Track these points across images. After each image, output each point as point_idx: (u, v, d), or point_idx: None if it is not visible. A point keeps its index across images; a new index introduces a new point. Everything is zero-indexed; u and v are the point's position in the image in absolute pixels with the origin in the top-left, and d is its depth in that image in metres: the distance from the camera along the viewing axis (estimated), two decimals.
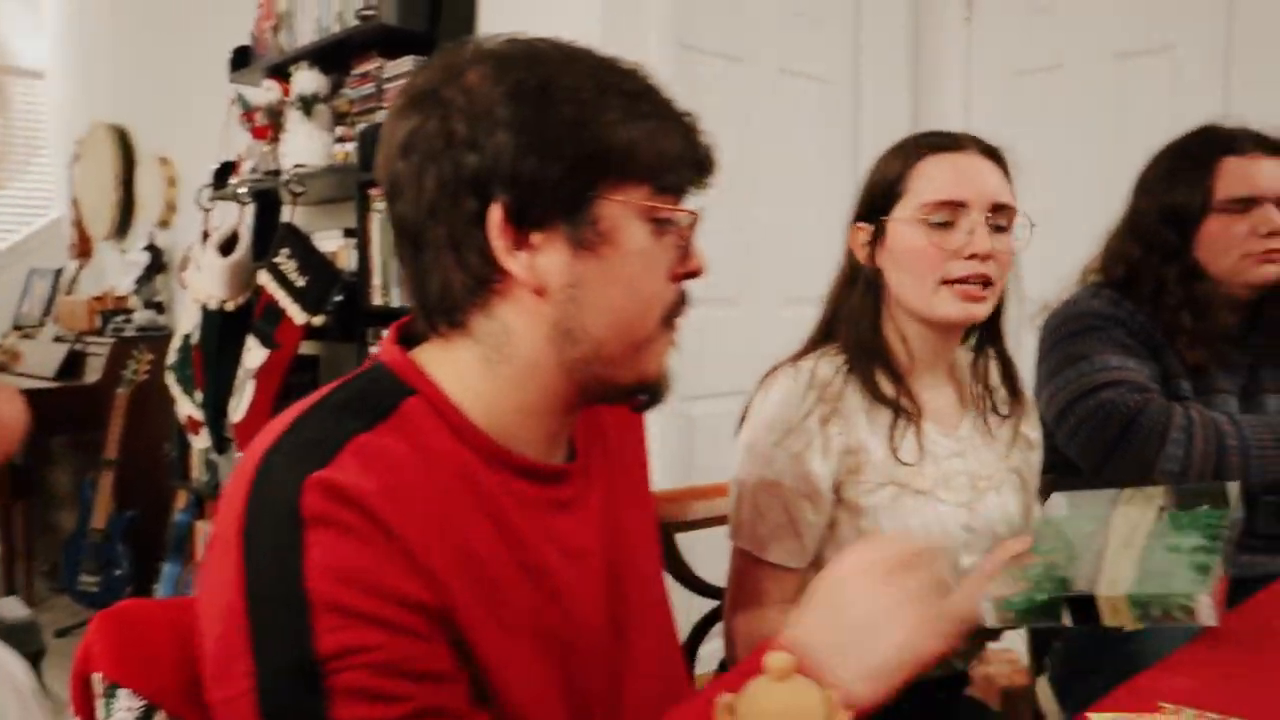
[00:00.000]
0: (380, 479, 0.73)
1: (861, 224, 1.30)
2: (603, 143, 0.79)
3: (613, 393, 0.85)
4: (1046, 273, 1.84)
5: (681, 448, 2.45)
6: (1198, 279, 1.66)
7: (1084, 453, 1.66)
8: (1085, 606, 0.97)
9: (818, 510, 1.23)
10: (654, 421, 1.05)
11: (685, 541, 1.46)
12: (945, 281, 1.23)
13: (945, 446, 1.29)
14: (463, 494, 0.79)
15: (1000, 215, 1.26)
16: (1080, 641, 1.63)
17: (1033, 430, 1.43)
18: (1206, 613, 0.92)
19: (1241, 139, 1.67)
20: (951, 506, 1.26)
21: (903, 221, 1.25)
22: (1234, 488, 1.14)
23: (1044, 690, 1.69)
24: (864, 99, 2.93)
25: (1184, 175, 1.68)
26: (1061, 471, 1.75)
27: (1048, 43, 2.74)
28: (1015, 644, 1.76)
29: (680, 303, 0.86)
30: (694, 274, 0.86)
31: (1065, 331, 1.73)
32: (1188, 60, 2.50)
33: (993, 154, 1.31)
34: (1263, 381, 1.68)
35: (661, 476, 1.32)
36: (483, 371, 0.82)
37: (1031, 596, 1.00)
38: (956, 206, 1.24)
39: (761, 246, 2.71)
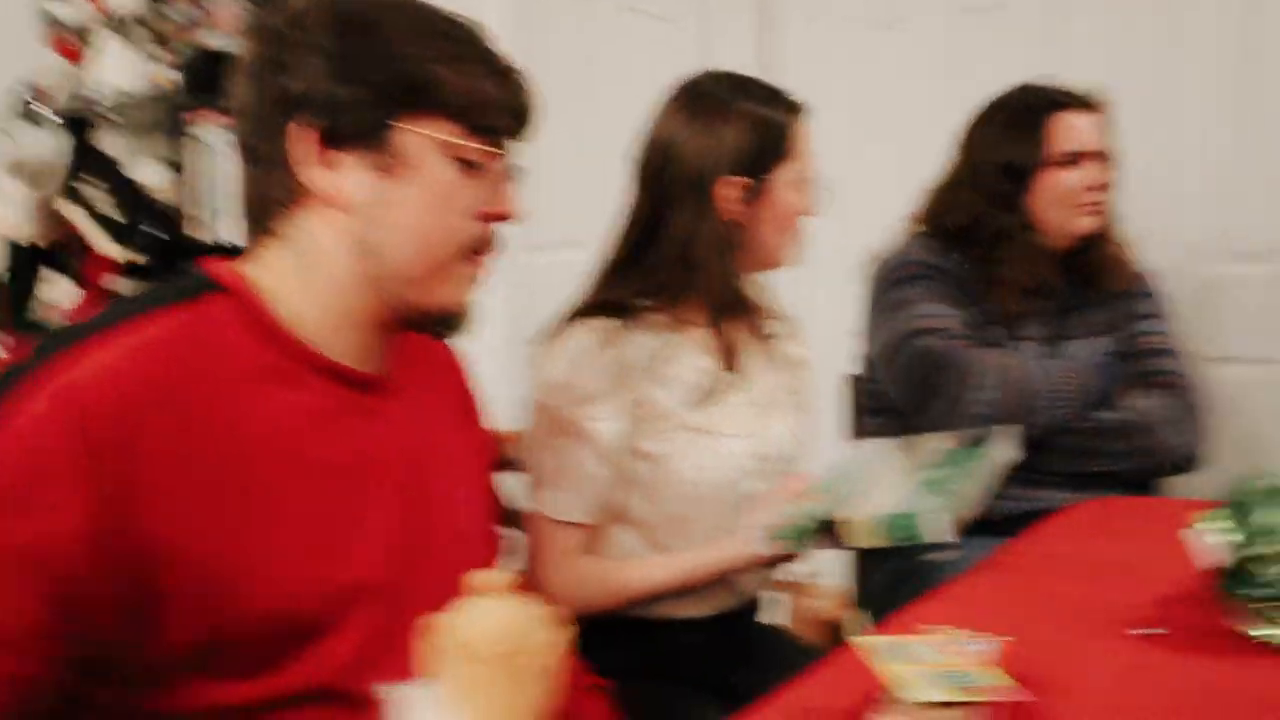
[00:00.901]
0: (122, 374, 0.77)
1: (733, 179, 1.28)
2: (411, 76, 0.85)
3: (413, 315, 0.90)
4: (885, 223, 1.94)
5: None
6: (1031, 230, 1.76)
7: (902, 396, 1.75)
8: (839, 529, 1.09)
9: (604, 465, 1.25)
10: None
11: None
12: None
13: (731, 381, 1.32)
14: (243, 388, 0.83)
15: None
16: (894, 574, 1.71)
17: (803, 350, 1.48)
18: (941, 529, 1.02)
19: (1065, 96, 1.77)
20: (738, 439, 1.30)
21: (786, 183, 1.30)
22: (1005, 431, 1.25)
23: (861, 621, 1.77)
24: (709, 41, 2.92)
25: (1020, 129, 1.77)
26: (889, 415, 1.83)
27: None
28: (838, 577, 1.85)
29: (486, 240, 0.91)
30: (501, 217, 0.91)
31: (890, 279, 1.80)
32: (1020, 17, 2.59)
33: None
34: (1069, 329, 1.80)
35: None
36: (294, 278, 0.87)
37: (799, 524, 1.09)
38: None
39: (606, 188, 2.69)
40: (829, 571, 1.78)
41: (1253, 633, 0.97)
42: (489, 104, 0.87)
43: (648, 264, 1.29)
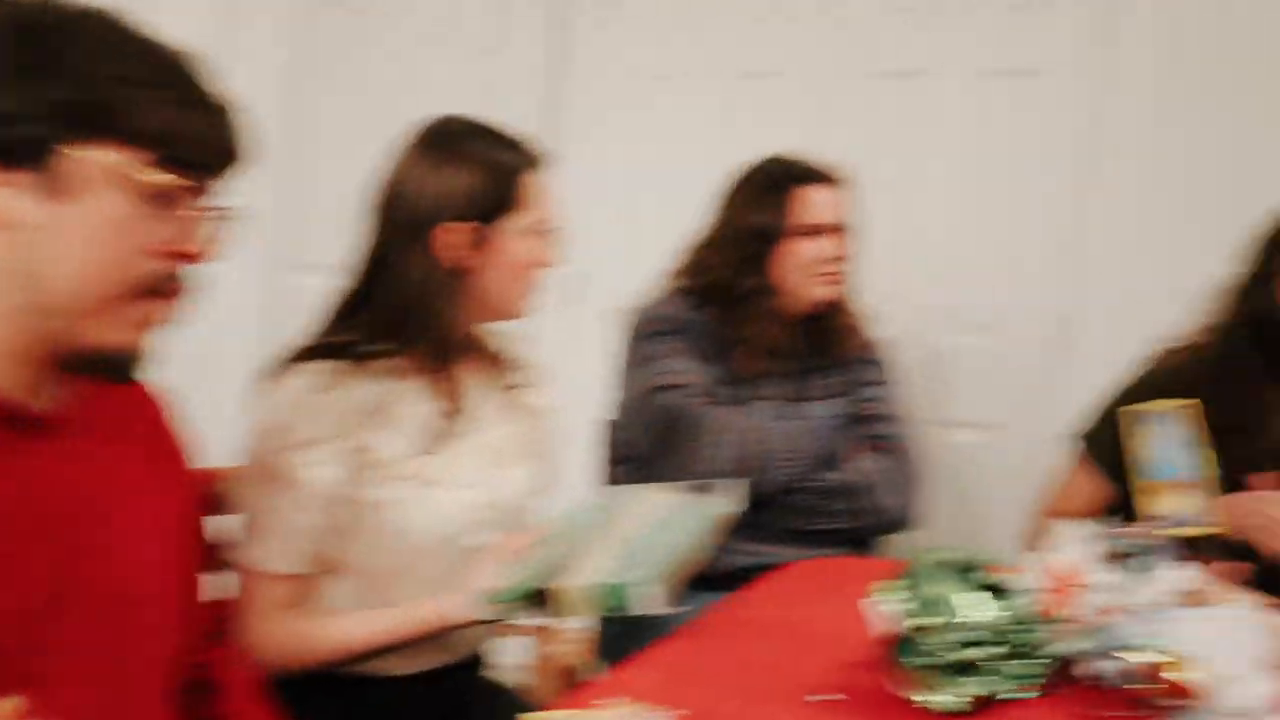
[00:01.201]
0: None
1: (456, 224, 1.26)
2: (89, 96, 0.79)
3: (72, 353, 0.84)
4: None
5: None
6: (772, 294, 1.84)
7: (644, 448, 1.79)
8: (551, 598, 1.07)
9: (316, 513, 1.22)
10: None
11: None
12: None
13: (463, 429, 1.32)
14: None
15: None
16: (627, 624, 1.74)
17: (546, 399, 1.50)
18: (649, 602, 1.03)
19: (809, 171, 1.87)
20: (467, 490, 1.29)
21: (515, 232, 1.29)
22: (732, 486, 1.30)
23: (598, 670, 1.79)
24: (498, 78, 2.92)
25: (765, 199, 1.86)
26: (634, 464, 1.88)
27: (674, 55, 2.88)
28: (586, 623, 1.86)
29: (165, 280, 0.84)
30: (186, 256, 0.85)
31: (641, 333, 1.85)
32: (791, 88, 2.73)
33: None
34: (806, 391, 1.89)
35: None
36: None
37: (511, 590, 1.08)
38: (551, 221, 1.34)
39: None
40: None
41: (915, 698, 1.04)
42: (181, 136, 0.81)
43: (374, 306, 1.27)
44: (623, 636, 1.76)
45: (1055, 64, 2.44)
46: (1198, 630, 1.08)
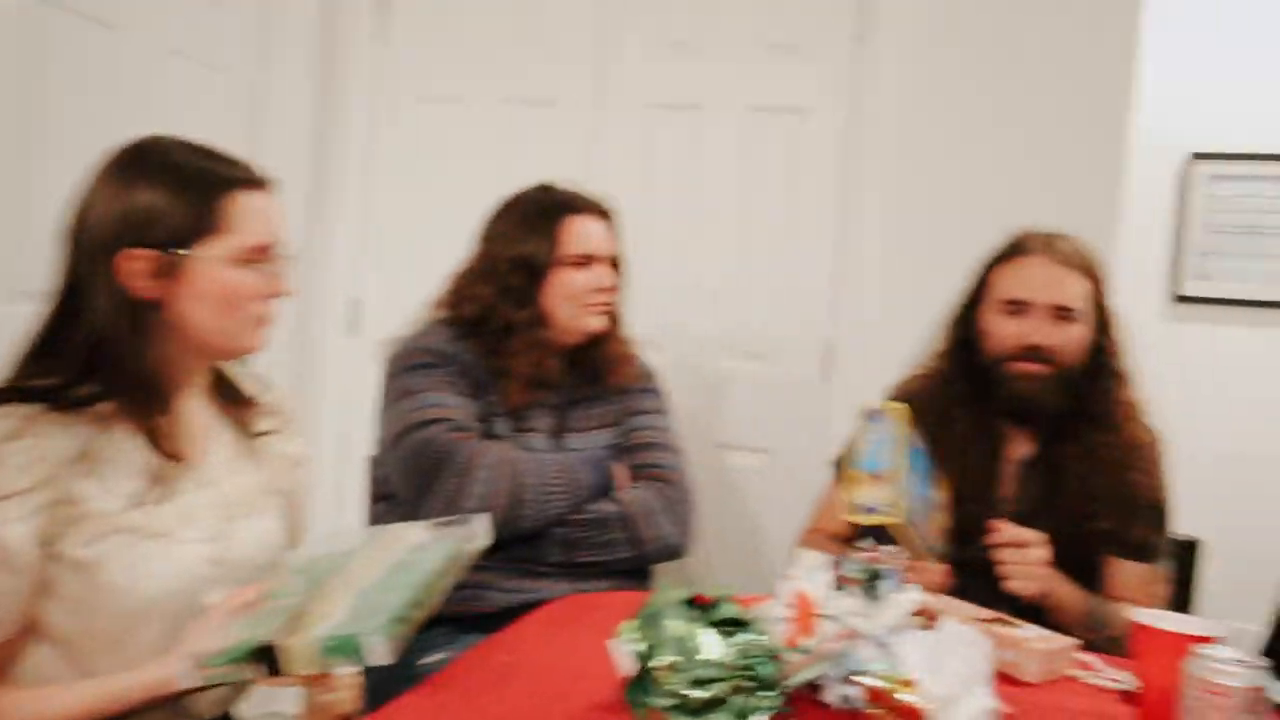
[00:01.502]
0: None
1: (140, 251, 1.15)
2: None
3: None
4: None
5: None
6: (541, 325, 1.81)
7: (403, 485, 1.72)
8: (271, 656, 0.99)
9: (12, 575, 1.10)
10: None
11: None
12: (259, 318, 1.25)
13: (192, 478, 1.22)
14: None
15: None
16: (388, 670, 1.66)
17: (297, 447, 1.42)
18: (379, 652, 0.97)
19: (579, 201, 1.85)
20: (196, 544, 1.20)
21: (215, 260, 1.18)
22: (482, 519, 1.25)
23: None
24: (266, 95, 2.78)
25: (534, 228, 1.82)
26: (394, 502, 1.80)
27: (448, 80, 2.83)
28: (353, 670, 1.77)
29: None
30: None
31: (402, 365, 1.78)
32: (563, 111, 2.72)
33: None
34: (570, 421, 1.86)
35: None
36: None
37: (231, 651, 1.00)
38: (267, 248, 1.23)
39: None
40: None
41: None
42: None
43: (66, 342, 1.15)
44: (388, 681, 1.68)
45: (817, 102, 2.55)
46: (924, 651, 1.11)
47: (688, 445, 1.95)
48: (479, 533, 1.25)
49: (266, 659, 1.03)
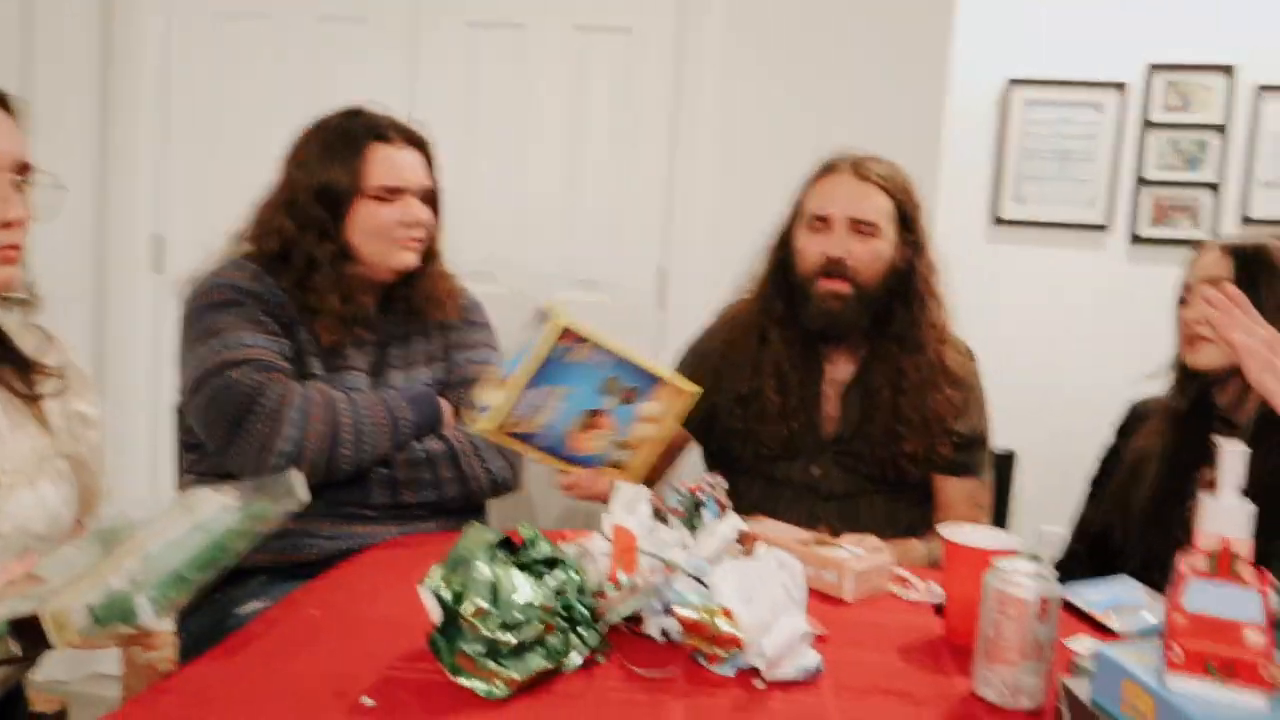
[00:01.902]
0: None
1: None
2: None
3: None
4: None
5: None
6: (348, 260, 1.70)
7: (209, 431, 1.61)
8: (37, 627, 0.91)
9: None
10: None
11: None
12: None
13: None
14: None
15: None
16: (207, 625, 1.57)
17: (88, 406, 1.31)
18: (149, 616, 0.91)
19: (388, 127, 1.73)
20: None
21: None
22: (295, 478, 1.17)
23: None
24: (46, 10, 2.53)
25: (337, 156, 1.69)
26: (202, 450, 1.69)
27: None
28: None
29: None
30: None
31: (204, 303, 1.66)
32: (378, 30, 2.58)
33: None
34: (390, 358, 1.77)
35: None
36: None
37: None
38: None
39: None
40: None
41: (465, 684, 0.99)
42: None
43: None
44: (207, 634, 1.60)
45: (647, 23, 2.49)
46: (740, 579, 1.11)
47: None
48: (294, 490, 1.17)
49: (32, 631, 0.94)
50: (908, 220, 1.78)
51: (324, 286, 1.66)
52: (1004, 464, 2.12)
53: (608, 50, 2.51)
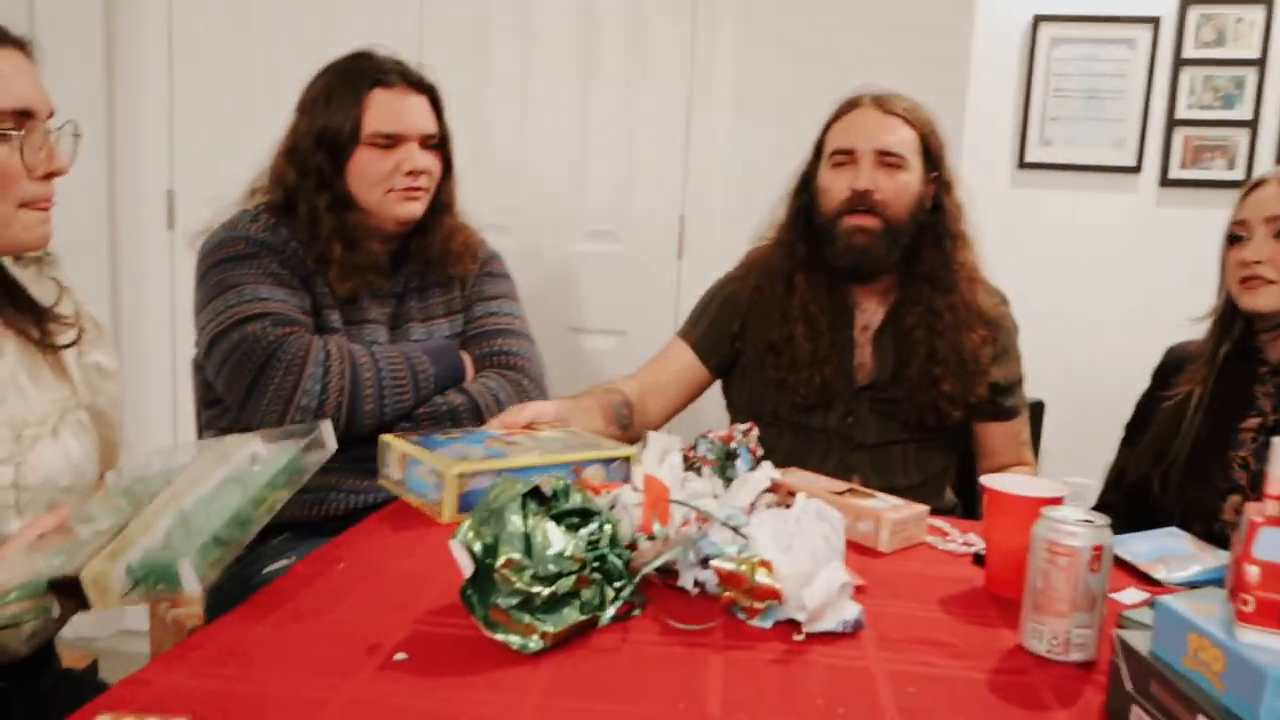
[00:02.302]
0: None
1: None
2: None
3: None
4: None
5: None
6: (349, 208, 1.65)
7: (228, 386, 1.58)
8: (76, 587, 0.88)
9: None
10: None
11: None
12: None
13: None
14: None
15: None
16: (235, 582, 1.56)
17: (106, 357, 1.29)
18: (192, 580, 0.88)
19: (391, 71, 1.68)
20: None
21: None
22: (322, 426, 1.14)
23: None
24: None
25: (339, 101, 1.64)
26: (223, 406, 1.66)
27: None
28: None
29: None
30: None
31: (219, 257, 1.62)
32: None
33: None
34: (409, 311, 1.74)
35: None
36: None
37: (23, 588, 0.88)
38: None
39: None
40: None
41: (499, 638, 0.96)
42: None
43: None
44: (232, 593, 1.58)
45: None
46: (777, 530, 1.08)
47: (539, 331, 1.86)
48: (323, 440, 1.14)
49: (72, 591, 0.91)
50: (932, 156, 1.74)
51: (328, 235, 1.62)
52: (1032, 413, 2.08)
53: (624, 4, 2.44)
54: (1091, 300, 2.68)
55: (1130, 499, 1.64)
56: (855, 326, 1.78)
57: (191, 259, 1.68)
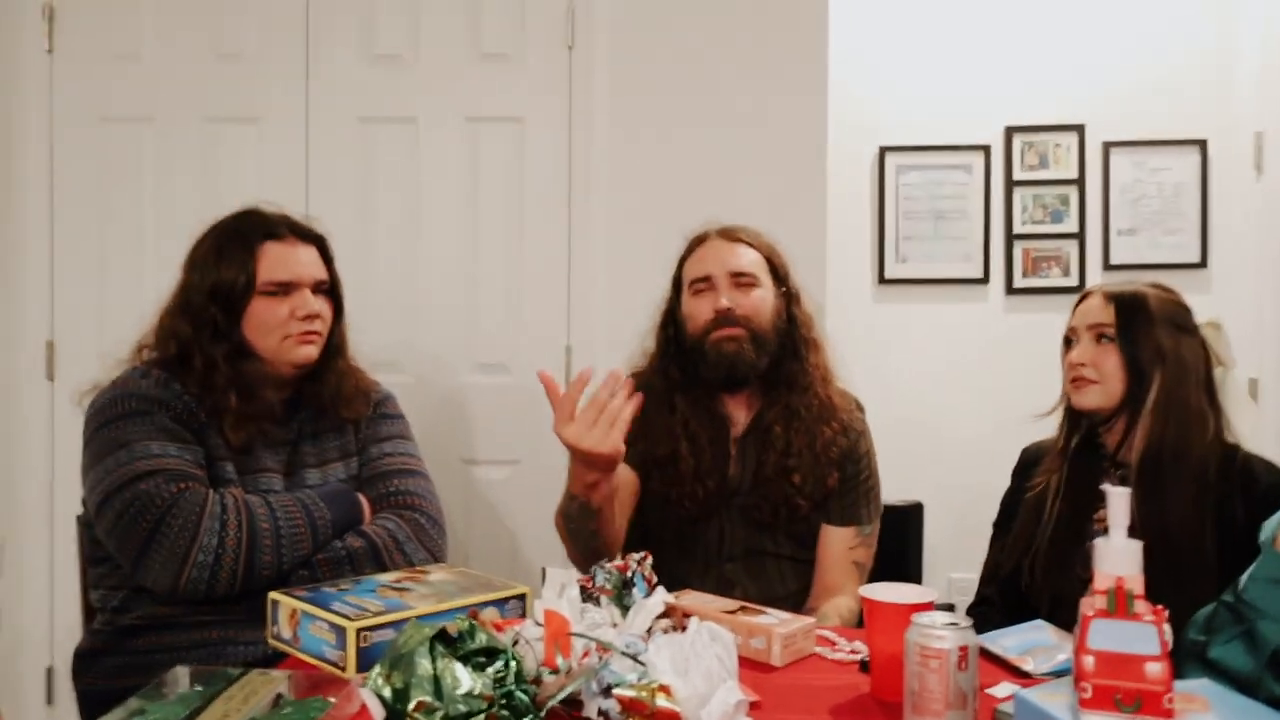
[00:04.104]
0: None
1: None
2: None
3: None
4: None
5: None
6: (245, 358, 1.70)
7: (120, 546, 1.57)
8: None
9: None
10: None
11: None
12: None
13: None
14: None
15: None
16: None
17: None
18: None
19: (280, 224, 1.75)
20: None
21: None
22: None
23: None
24: None
25: (230, 256, 1.70)
26: (112, 564, 1.64)
27: (141, 96, 2.61)
28: None
29: None
30: None
31: (109, 416, 1.62)
32: (270, 129, 2.59)
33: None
34: (303, 457, 1.76)
35: None
36: None
37: None
38: None
39: None
40: None
41: None
42: None
43: None
44: None
45: (534, 111, 2.56)
46: (674, 654, 1.14)
47: (433, 463, 1.90)
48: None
49: None
50: (779, 273, 1.92)
51: (224, 385, 1.66)
52: (913, 514, 2.20)
53: (500, 138, 2.57)
54: (954, 403, 2.87)
55: (1005, 591, 1.75)
56: (730, 437, 1.89)
57: (73, 412, 1.69)
